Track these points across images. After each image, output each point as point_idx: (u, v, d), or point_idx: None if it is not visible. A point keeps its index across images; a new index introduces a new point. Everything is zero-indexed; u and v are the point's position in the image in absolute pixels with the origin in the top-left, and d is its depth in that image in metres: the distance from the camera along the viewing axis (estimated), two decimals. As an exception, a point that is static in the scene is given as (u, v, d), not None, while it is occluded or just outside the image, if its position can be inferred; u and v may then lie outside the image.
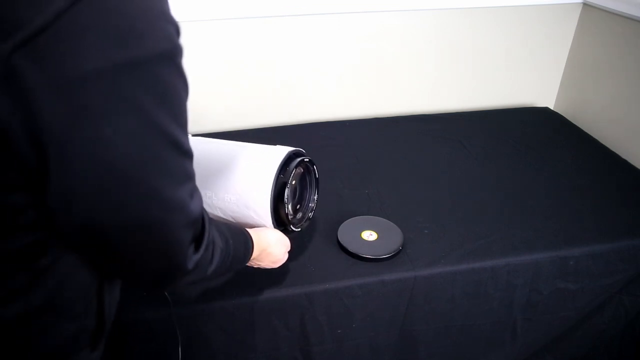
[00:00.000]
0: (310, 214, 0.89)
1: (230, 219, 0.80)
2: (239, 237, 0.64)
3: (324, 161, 1.26)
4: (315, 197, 0.89)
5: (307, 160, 0.84)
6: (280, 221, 0.80)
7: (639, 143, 1.29)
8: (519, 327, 1.02)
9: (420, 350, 1.01)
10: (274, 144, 0.93)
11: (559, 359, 1.11)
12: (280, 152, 0.80)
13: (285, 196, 0.77)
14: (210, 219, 0.51)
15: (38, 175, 0.33)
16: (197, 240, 0.47)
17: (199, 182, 0.45)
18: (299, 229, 0.85)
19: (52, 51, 0.29)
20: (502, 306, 0.98)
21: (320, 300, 0.89)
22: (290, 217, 0.79)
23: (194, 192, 0.43)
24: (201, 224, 0.47)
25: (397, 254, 0.93)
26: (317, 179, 0.89)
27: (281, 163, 0.78)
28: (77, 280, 0.46)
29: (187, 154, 0.40)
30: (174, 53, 0.35)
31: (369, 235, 0.98)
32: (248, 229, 0.70)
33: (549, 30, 1.50)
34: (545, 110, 1.58)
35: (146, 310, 0.83)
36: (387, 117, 1.52)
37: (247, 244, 0.67)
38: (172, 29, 0.35)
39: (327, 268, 0.91)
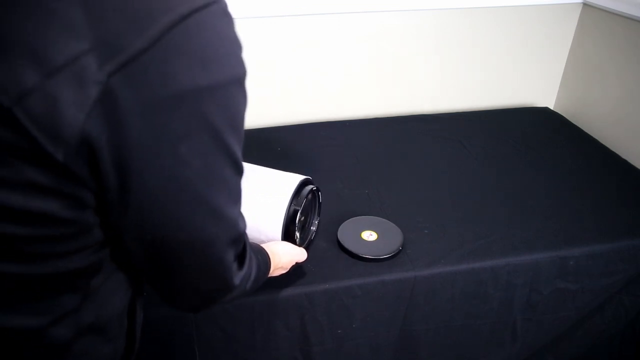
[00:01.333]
0: (312, 236, 0.93)
1: None
2: (262, 254, 0.66)
3: (324, 161, 1.27)
4: (317, 222, 0.95)
5: (315, 188, 0.89)
6: None
7: (639, 143, 1.29)
8: (519, 327, 1.02)
9: (420, 350, 1.01)
10: (274, 143, 0.93)
11: (559, 359, 1.11)
12: (292, 180, 0.86)
13: (297, 222, 0.83)
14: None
15: (112, 194, 0.34)
16: (241, 257, 0.49)
17: None
18: None
19: (145, 74, 0.30)
20: (502, 306, 0.98)
21: (320, 300, 0.89)
22: (297, 241, 0.84)
23: (240, 212, 0.45)
24: (243, 242, 0.49)
25: (397, 254, 0.93)
26: (320, 204, 0.94)
27: (294, 192, 0.84)
28: (115, 301, 0.46)
29: (242, 174, 0.41)
30: (244, 76, 0.37)
31: (369, 235, 0.98)
32: (263, 246, 0.72)
33: (549, 30, 1.50)
34: (545, 110, 1.58)
35: (153, 310, 0.83)
36: (387, 117, 1.52)
37: (267, 263, 0.68)
38: (241, 53, 0.36)
39: (327, 268, 0.91)
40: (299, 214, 0.83)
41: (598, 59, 1.43)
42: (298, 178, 0.87)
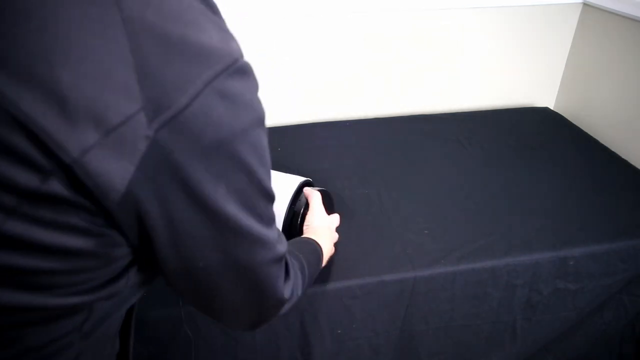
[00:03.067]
0: None
1: None
2: (306, 245, 0.72)
3: (324, 161, 1.27)
4: None
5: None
6: None
7: (639, 143, 1.29)
8: (519, 327, 1.02)
9: (420, 350, 1.01)
10: (274, 144, 0.91)
11: (559, 359, 1.11)
12: (292, 182, 0.87)
13: (297, 225, 0.83)
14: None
15: (157, 234, 0.38)
16: (285, 271, 0.53)
17: None
18: None
19: (187, 126, 0.34)
20: (502, 306, 0.98)
21: (320, 300, 0.89)
22: None
23: (279, 232, 0.50)
24: (285, 259, 0.53)
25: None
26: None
27: (293, 195, 0.84)
28: (114, 320, 0.47)
29: (273, 201, 0.46)
30: (264, 116, 0.41)
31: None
32: (307, 237, 0.77)
33: (549, 30, 1.50)
34: (545, 110, 1.58)
35: (151, 310, 0.83)
36: (387, 117, 1.52)
37: (316, 252, 0.73)
38: (258, 95, 0.41)
39: (327, 268, 0.91)
40: (299, 217, 0.83)
41: (598, 59, 1.43)
42: (298, 180, 0.87)
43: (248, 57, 0.41)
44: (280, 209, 0.83)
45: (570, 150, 1.32)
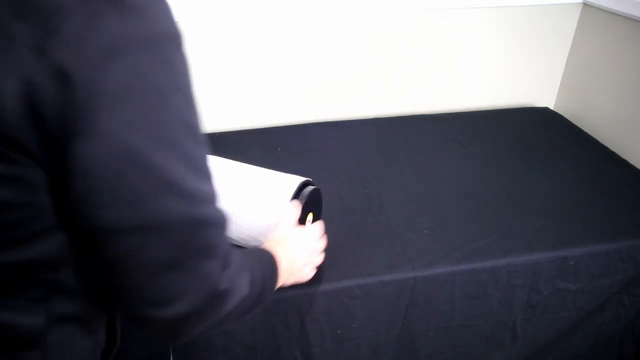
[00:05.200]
0: None
1: (238, 242, 0.86)
2: (257, 252, 0.60)
3: (324, 161, 1.27)
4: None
5: (315, 189, 0.89)
6: None
7: (639, 143, 1.29)
8: (519, 327, 1.02)
9: (420, 350, 1.01)
10: (274, 143, 0.92)
11: (559, 359, 1.11)
12: (292, 182, 0.86)
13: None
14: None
15: (57, 163, 0.33)
16: (226, 257, 0.42)
17: None
18: None
19: (77, 31, 0.31)
20: (502, 306, 0.98)
21: (320, 300, 0.89)
22: None
23: (220, 196, 0.40)
24: (223, 232, 0.42)
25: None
26: (320, 205, 0.94)
27: (293, 195, 0.84)
28: (90, 292, 0.45)
29: (204, 144, 0.38)
30: (177, 36, 0.36)
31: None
32: (264, 246, 0.65)
33: (549, 30, 1.50)
34: (545, 110, 1.58)
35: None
36: (387, 117, 1.52)
37: (270, 261, 0.59)
38: (172, 14, 0.36)
39: (327, 268, 0.91)
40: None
41: (598, 59, 1.43)
42: (298, 180, 0.87)
43: (248, 57, 0.39)
44: (280, 209, 0.83)
45: (570, 150, 1.32)
